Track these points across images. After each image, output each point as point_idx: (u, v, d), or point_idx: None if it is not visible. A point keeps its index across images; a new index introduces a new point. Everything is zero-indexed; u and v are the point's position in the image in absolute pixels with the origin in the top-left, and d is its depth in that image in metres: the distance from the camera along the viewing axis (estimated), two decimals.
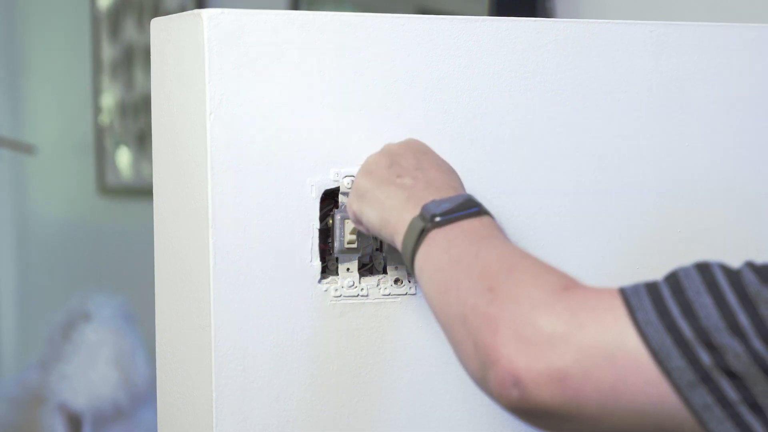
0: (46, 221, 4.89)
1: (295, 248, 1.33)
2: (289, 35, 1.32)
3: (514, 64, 1.39)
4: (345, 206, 1.34)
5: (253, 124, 1.31)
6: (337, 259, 1.36)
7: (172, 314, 1.40)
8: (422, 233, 1.15)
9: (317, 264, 1.34)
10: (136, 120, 4.17)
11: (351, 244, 1.34)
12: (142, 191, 4.06)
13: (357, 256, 1.36)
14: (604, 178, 1.42)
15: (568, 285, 1.03)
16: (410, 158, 1.25)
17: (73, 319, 3.60)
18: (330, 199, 1.34)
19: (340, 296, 1.34)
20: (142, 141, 4.15)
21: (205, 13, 1.29)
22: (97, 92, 4.39)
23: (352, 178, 1.34)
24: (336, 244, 1.34)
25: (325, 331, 1.34)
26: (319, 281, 1.34)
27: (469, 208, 1.15)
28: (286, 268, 1.33)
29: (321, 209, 1.34)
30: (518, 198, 1.39)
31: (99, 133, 4.39)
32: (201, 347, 1.33)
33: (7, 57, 5.02)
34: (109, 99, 4.32)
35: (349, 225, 1.34)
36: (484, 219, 1.16)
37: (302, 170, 1.33)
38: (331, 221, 1.35)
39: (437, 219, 1.15)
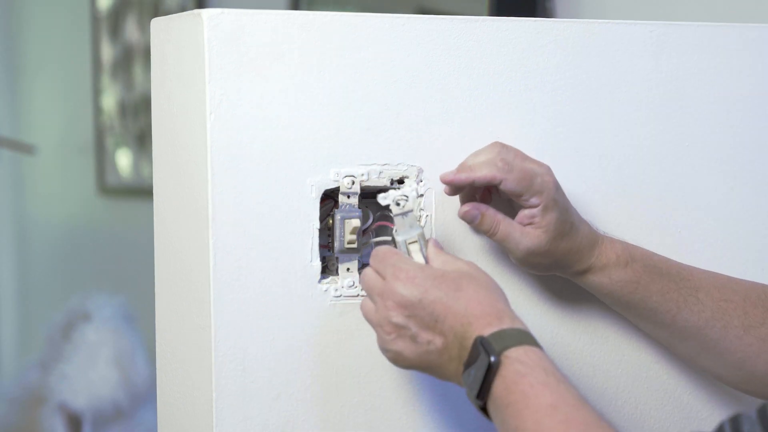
0: (46, 221, 4.89)
1: (295, 248, 1.33)
2: (289, 35, 1.32)
3: (514, 64, 1.39)
4: (345, 206, 1.34)
5: (253, 124, 1.31)
6: (337, 259, 1.36)
7: (172, 314, 1.40)
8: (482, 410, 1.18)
9: (317, 264, 1.34)
10: (136, 120, 4.17)
11: (351, 244, 1.34)
12: (142, 191, 4.06)
13: (357, 256, 1.36)
14: (604, 177, 1.42)
15: None
16: (424, 314, 1.21)
17: (73, 319, 3.60)
18: (330, 199, 1.34)
19: (340, 296, 1.34)
20: (142, 141, 4.15)
21: (205, 13, 1.29)
22: (97, 92, 4.39)
23: (353, 178, 1.34)
24: (336, 244, 1.34)
25: (325, 331, 1.34)
26: (319, 281, 1.34)
27: (487, 365, 1.15)
28: (286, 268, 1.33)
29: (321, 209, 1.34)
30: None
31: (99, 133, 4.39)
32: (201, 347, 1.33)
33: (7, 57, 5.02)
34: (109, 99, 4.32)
35: (349, 225, 1.34)
36: (504, 370, 1.15)
37: (302, 170, 1.33)
38: (331, 221, 1.35)
39: (475, 395, 1.16)
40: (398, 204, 1.31)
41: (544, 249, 1.32)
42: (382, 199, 1.31)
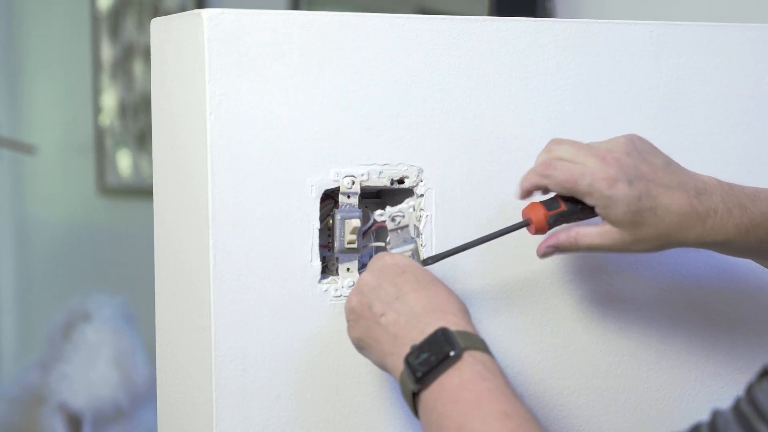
0: (46, 221, 4.89)
1: (295, 248, 1.33)
2: (289, 35, 1.32)
3: (514, 64, 1.39)
4: (345, 206, 1.34)
5: (253, 124, 1.31)
6: (337, 259, 1.36)
7: (172, 314, 1.40)
8: (414, 397, 1.17)
9: (317, 264, 1.34)
10: (136, 120, 4.17)
11: (351, 244, 1.34)
12: (142, 191, 4.06)
13: (357, 256, 1.36)
14: None
15: None
16: (388, 287, 1.23)
17: (73, 319, 3.60)
18: (330, 199, 1.35)
19: (340, 296, 1.34)
20: (142, 141, 4.15)
21: (205, 13, 1.29)
22: (97, 92, 4.39)
23: (353, 178, 1.34)
24: (336, 244, 1.34)
25: (325, 331, 1.34)
26: (319, 281, 1.34)
27: (446, 354, 1.15)
28: (286, 268, 1.33)
29: (321, 209, 1.34)
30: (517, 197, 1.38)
31: (99, 133, 4.39)
32: (201, 347, 1.33)
33: (7, 57, 5.01)
34: (109, 99, 4.32)
35: (349, 225, 1.34)
36: (464, 365, 1.15)
37: (302, 170, 1.33)
38: (331, 221, 1.35)
39: (419, 375, 1.15)
40: (394, 220, 1.33)
41: (630, 239, 1.25)
42: (379, 216, 1.33)
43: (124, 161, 4.29)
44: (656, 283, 1.46)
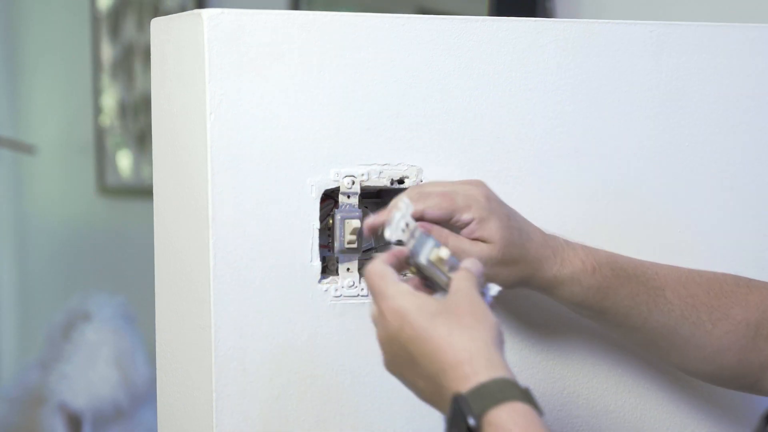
0: (46, 221, 4.90)
1: (295, 248, 1.33)
2: (289, 35, 1.32)
3: (514, 64, 1.39)
4: (345, 206, 1.34)
5: (253, 124, 1.31)
6: (337, 259, 1.36)
7: (172, 314, 1.40)
8: None
9: (317, 264, 1.34)
10: (136, 120, 4.17)
11: (351, 244, 1.34)
12: (142, 191, 4.06)
13: (357, 256, 1.36)
14: (604, 177, 1.42)
15: None
16: (403, 354, 1.11)
17: (73, 319, 3.60)
18: (330, 199, 1.35)
19: (340, 296, 1.34)
20: (142, 141, 4.15)
21: (205, 13, 1.29)
22: (97, 92, 4.39)
23: (353, 178, 1.34)
24: (336, 244, 1.34)
25: (325, 331, 1.34)
26: (319, 281, 1.34)
27: (465, 431, 1.05)
28: (286, 268, 1.33)
29: (321, 209, 1.34)
30: (518, 198, 1.38)
31: (99, 133, 4.39)
32: (201, 347, 1.33)
33: (7, 57, 5.02)
34: (109, 99, 4.33)
35: (349, 225, 1.34)
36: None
37: (302, 170, 1.33)
38: (331, 221, 1.35)
39: None
40: (406, 227, 1.18)
41: (497, 258, 1.26)
42: (389, 236, 1.18)
43: (124, 161, 4.29)
44: None
